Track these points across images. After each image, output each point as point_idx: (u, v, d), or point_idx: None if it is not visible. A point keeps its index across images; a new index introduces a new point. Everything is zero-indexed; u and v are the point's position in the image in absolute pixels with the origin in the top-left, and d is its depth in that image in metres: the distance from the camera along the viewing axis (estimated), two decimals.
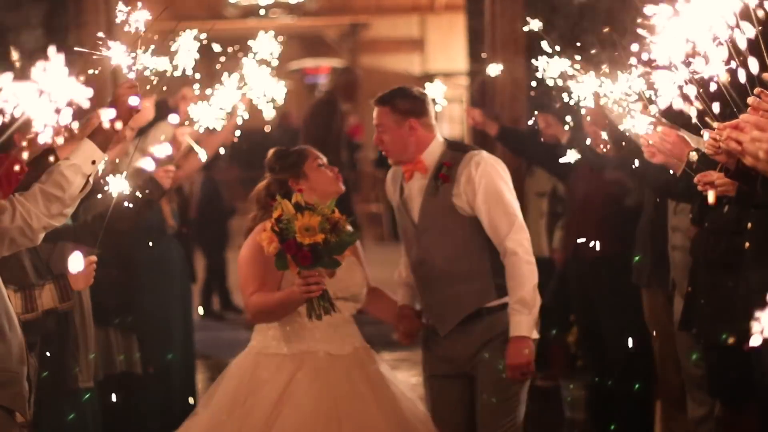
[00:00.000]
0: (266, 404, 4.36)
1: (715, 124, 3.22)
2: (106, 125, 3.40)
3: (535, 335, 4.46)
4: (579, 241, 6.10)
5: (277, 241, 4.20)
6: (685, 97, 3.19)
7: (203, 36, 3.97)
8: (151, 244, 5.85)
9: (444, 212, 4.57)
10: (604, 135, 4.87)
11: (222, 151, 6.29)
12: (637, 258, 5.59)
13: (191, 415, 4.60)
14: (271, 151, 4.72)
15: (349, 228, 4.31)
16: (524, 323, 4.41)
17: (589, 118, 5.15)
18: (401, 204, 4.73)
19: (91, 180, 3.45)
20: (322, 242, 4.16)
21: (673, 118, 3.89)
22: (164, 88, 3.60)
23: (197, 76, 4.13)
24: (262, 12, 14.03)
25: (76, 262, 3.73)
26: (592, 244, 5.74)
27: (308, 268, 4.23)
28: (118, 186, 3.77)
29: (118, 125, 3.45)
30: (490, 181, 4.51)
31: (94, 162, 3.42)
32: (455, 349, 4.58)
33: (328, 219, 4.21)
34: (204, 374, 7.91)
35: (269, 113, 5.03)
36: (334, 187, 4.62)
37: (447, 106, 5.30)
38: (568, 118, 5.45)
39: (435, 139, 4.65)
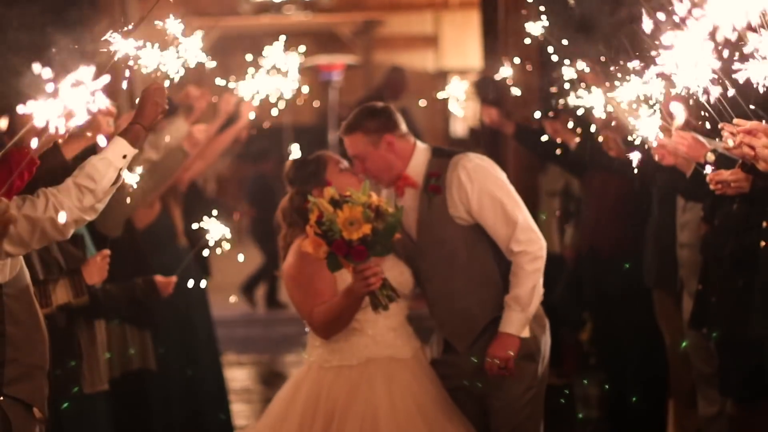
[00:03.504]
0: (354, 419, 4.25)
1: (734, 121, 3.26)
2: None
3: (525, 334, 4.34)
4: (592, 239, 6.11)
5: (325, 244, 4.00)
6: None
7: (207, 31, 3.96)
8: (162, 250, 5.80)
9: (442, 225, 4.42)
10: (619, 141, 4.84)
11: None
12: (627, 264, 5.57)
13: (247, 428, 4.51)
14: (288, 163, 4.55)
15: (390, 209, 4.08)
16: (515, 320, 4.31)
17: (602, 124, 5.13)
18: None
19: (122, 174, 3.50)
20: (371, 233, 3.96)
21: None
22: (170, 84, 3.59)
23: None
24: (276, 9, 14.06)
25: None
26: (605, 242, 5.73)
27: (363, 262, 4.04)
28: (128, 179, 3.80)
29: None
30: (482, 185, 4.36)
31: (125, 157, 3.48)
32: (471, 363, 4.42)
33: (369, 206, 3.99)
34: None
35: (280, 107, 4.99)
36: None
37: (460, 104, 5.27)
38: (576, 122, 5.44)
39: (416, 148, 4.47)
